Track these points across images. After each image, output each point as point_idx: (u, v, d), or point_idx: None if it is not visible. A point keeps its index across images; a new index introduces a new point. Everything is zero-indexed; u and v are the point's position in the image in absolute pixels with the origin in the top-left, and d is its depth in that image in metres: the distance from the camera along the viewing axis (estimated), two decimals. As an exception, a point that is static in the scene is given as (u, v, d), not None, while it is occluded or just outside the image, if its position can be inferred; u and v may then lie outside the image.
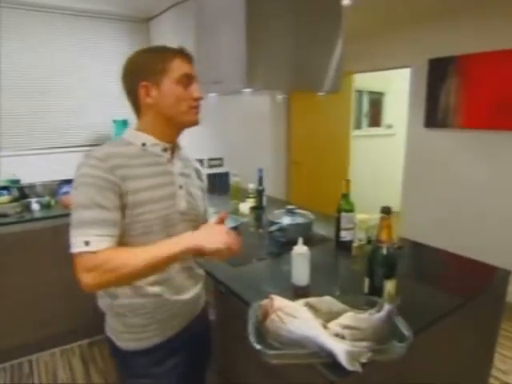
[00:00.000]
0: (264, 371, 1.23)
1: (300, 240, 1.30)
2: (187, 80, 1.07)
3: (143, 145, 1.08)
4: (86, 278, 0.91)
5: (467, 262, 1.64)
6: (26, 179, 2.88)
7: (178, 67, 1.06)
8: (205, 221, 1.28)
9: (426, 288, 1.44)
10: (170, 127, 1.11)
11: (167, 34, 2.98)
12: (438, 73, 3.46)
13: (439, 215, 3.67)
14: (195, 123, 1.14)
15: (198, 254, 1.01)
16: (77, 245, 0.93)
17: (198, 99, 1.10)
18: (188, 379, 1.27)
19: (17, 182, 2.84)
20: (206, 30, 1.82)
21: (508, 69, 2.98)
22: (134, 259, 0.93)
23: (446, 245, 1.82)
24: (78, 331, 2.68)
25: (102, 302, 1.14)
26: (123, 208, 1.00)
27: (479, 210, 3.32)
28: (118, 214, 0.98)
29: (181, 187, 1.15)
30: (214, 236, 1.00)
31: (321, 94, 1.86)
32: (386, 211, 1.20)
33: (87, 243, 0.92)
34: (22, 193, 2.82)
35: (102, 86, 3.09)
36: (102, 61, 3.12)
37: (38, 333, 2.56)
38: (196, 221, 1.22)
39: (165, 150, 1.12)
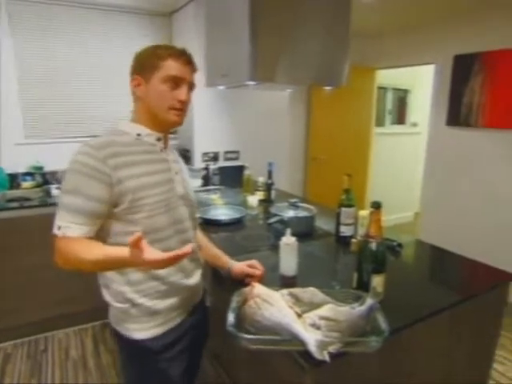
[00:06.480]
0: (248, 357, 1.26)
1: (288, 231, 1.32)
2: (174, 81, 1.09)
3: (138, 135, 1.13)
4: (56, 258, 1.01)
5: (474, 264, 1.60)
6: (48, 166, 3.01)
7: (168, 67, 1.08)
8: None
9: (425, 286, 1.43)
10: (158, 122, 1.14)
11: (189, 28, 3.03)
12: (463, 69, 3.37)
13: (459, 217, 3.58)
14: (175, 124, 1.16)
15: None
16: (54, 227, 1.01)
17: (181, 102, 1.11)
18: (189, 363, 1.30)
19: (40, 168, 2.98)
20: (215, 24, 1.85)
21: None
22: (88, 255, 0.97)
23: (463, 247, 1.80)
24: (94, 312, 2.79)
25: (111, 293, 1.15)
26: (119, 196, 1.03)
27: (502, 214, 3.22)
28: (99, 205, 1.01)
29: (176, 173, 1.21)
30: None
31: (327, 88, 1.85)
32: (376, 206, 1.20)
33: (59, 227, 1.00)
34: (44, 179, 2.96)
35: (124, 78, 3.17)
36: (124, 54, 3.21)
37: (56, 311, 2.69)
38: (192, 206, 1.27)
39: (158, 139, 1.17)
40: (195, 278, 1.27)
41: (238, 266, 1.36)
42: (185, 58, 1.12)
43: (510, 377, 2.35)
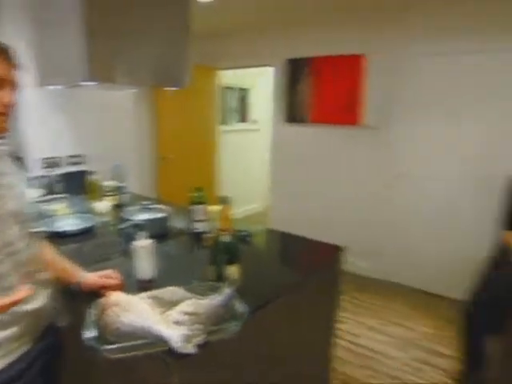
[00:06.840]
0: (113, 368, 1.22)
1: (142, 234, 1.31)
2: None
3: None
4: None
5: (314, 243, 1.83)
6: None
7: None
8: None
9: (276, 269, 1.60)
10: None
11: (13, 22, 2.67)
12: (296, 72, 3.78)
13: (303, 203, 4.02)
14: None
15: None
16: None
17: (4, 105, 0.99)
18: None
19: None
20: (44, 21, 1.70)
21: (349, 71, 3.40)
22: None
23: (307, 229, 2.01)
24: None
25: None
26: None
27: (342, 194, 3.75)
28: None
29: (8, 187, 1.07)
30: None
31: (168, 88, 1.88)
32: (224, 201, 1.28)
33: None
34: None
35: None
36: None
37: None
38: (28, 221, 1.14)
39: None
40: (40, 301, 1.14)
41: (91, 279, 1.29)
42: (5, 55, 0.99)
43: (354, 333, 2.81)
